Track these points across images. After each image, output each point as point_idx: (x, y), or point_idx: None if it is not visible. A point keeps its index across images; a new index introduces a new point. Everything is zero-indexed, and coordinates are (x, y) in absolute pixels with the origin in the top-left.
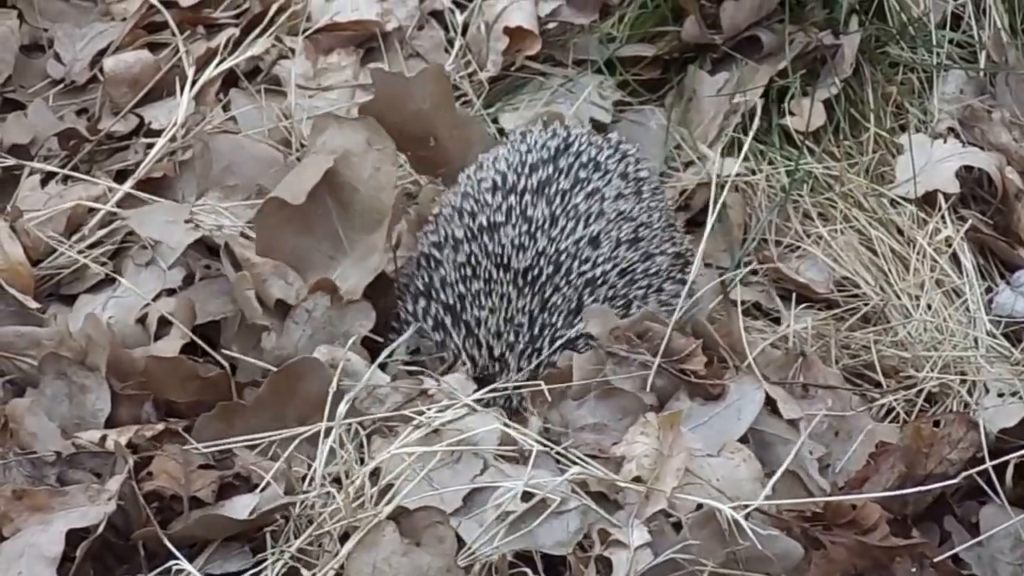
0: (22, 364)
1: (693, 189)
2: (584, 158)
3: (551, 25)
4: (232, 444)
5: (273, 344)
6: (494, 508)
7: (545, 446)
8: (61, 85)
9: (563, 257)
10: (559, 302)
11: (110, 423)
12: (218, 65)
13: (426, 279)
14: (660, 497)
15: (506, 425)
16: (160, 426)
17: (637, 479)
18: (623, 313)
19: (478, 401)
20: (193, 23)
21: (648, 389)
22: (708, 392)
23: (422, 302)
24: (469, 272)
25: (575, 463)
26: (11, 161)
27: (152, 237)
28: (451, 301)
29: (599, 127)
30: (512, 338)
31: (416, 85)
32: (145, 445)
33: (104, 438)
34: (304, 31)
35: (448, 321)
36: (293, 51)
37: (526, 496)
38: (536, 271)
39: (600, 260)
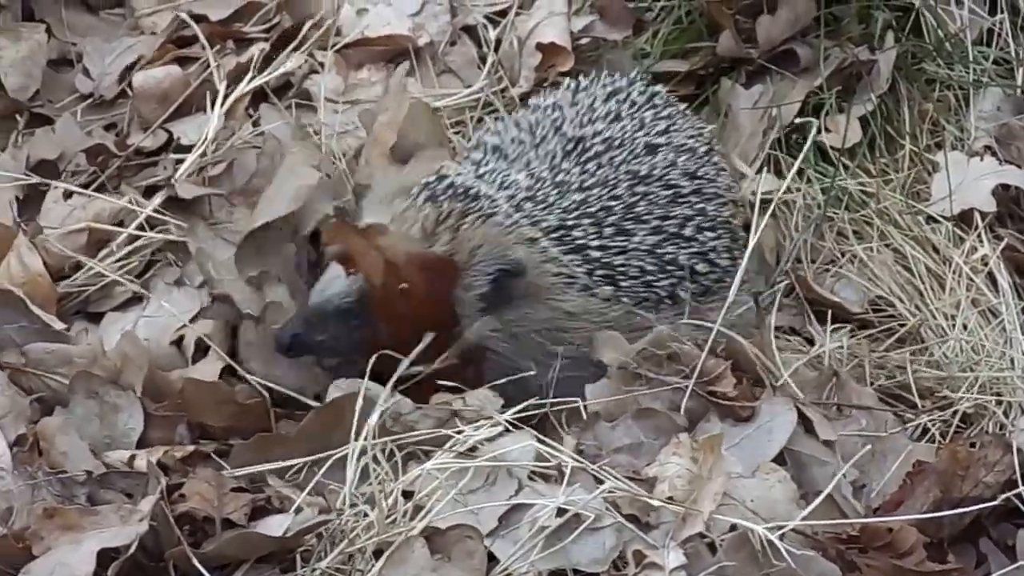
0: (51, 382)
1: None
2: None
3: (584, 41)
4: (265, 469)
5: None
6: (529, 524)
7: (580, 463)
8: (89, 100)
9: (615, 144)
10: (601, 177)
11: (141, 444)
12: (249, 80)
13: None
14: (697, 519)
15: (541, 442)
16: (191, 448)
17: (669, 500)
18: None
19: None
20: (223, 37)
21: (681, 411)
22: (738, 413)
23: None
24: (527, 129)
25: (610, 478)
26: (35, 179)
27: None
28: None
29: None
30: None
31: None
32: (177, 467)
33: (134, 458)
34: (334, 46)
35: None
36: (323, 66)
37: (561, 513)
38: (588, 144)
39: (656, 167)
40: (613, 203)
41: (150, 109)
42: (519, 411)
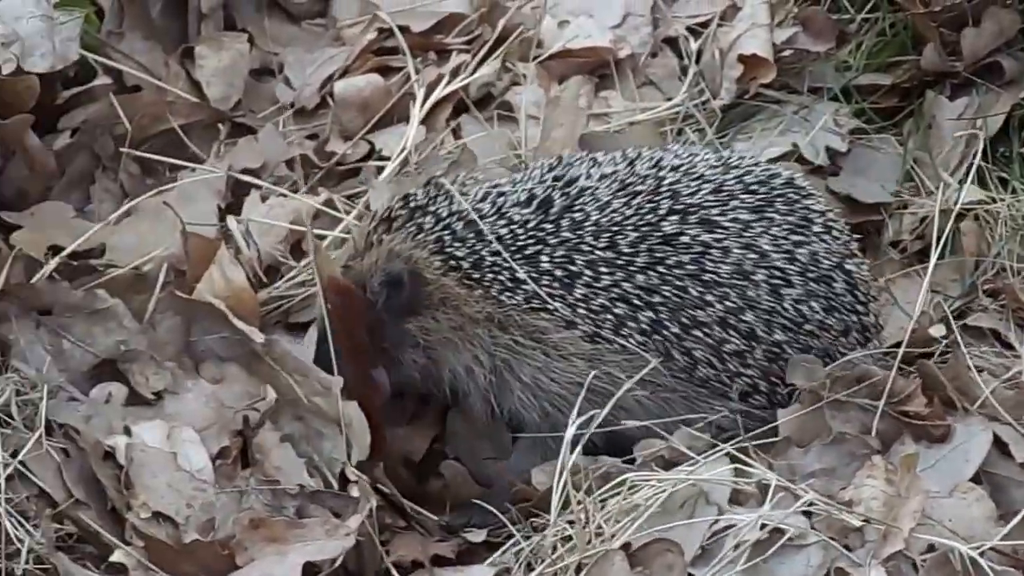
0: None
1: (930, 217)
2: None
3: (786, 52)
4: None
5: None
6: (731, 545)
7: (781, 480)
8: (290, 110)
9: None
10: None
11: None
12: (445, 86)
13: None
14: (897, 537)
15: (741, 463)
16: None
17: (867, 522)
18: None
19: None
20: (424, 49)
21: (873, 433)
22: (932, 434)
23: None
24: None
25: (810, 493)
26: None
27: None
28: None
29: (834, 155)
30: None
31: (623, 140)
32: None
33: (348, 479)
34: (535, 57)
35: None
36: (525, 77)
37: (763, 529)
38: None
39: (695, 235)
40: (595, 240)
41: (351, 118)
42: (723, 446)
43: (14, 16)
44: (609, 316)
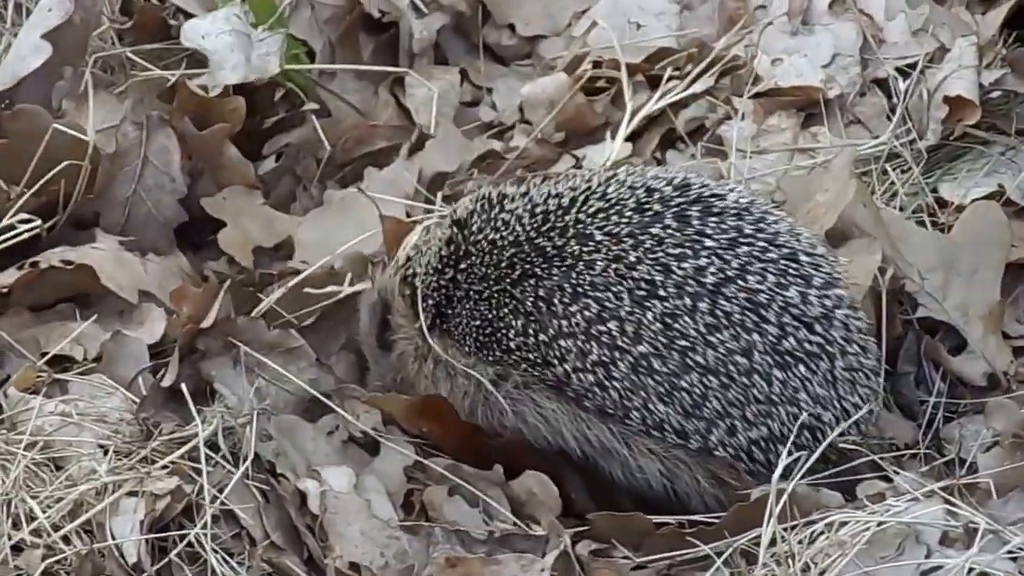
0: None
1: None
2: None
3: (994, 94)
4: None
5: None
6: None
7: (992, 524)
8: (491, 129)
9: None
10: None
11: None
12: (656, 106)
13: None
14: None
15: (952, 504)
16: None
17: None
18: None
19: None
20: (633, 74)
21: None
22: None
23: None
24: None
25: (1018, 535)
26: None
27: None
28: None
29: None
30: None
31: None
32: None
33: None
34: (746, 94)
35: None
36: (736, 111)
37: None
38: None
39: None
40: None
41: (539, 118)
42: (942, 485)
43: (200, 34)
44: (484, 330)
